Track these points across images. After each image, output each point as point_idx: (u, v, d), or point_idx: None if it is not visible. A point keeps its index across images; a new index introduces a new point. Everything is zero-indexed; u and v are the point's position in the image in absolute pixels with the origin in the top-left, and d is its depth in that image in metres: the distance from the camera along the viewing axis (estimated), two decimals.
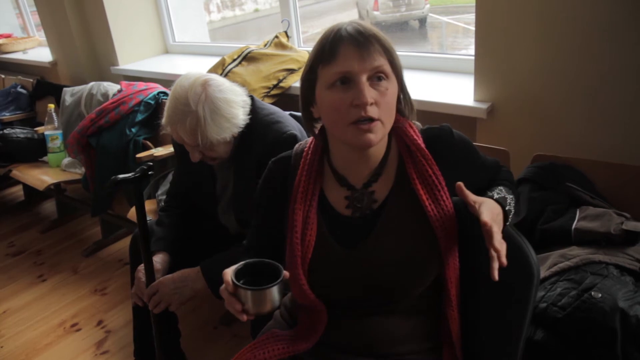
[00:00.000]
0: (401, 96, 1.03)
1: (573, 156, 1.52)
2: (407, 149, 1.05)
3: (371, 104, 0.94)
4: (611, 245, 1.27)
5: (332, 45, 0.95)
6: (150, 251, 1.54)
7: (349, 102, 0.94)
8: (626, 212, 1.34)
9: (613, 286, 1.14)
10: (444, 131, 1.07)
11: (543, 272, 1.24)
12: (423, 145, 1.04)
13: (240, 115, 1.48)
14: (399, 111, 1.04)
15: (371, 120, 0.94)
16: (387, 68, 0.96)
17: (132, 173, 1.41)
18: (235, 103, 1.48)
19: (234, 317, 2.34)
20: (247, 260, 0.96)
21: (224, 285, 0.93)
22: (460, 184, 0.95)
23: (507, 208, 1.00)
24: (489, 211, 0.93)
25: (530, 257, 1.01)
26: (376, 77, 0.95)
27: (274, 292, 0.88)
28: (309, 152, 1.10)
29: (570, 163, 1.50)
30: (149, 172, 1.42)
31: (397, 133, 1.06)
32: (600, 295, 1.12)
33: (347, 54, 0.94)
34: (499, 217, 0.97)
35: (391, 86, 0.97)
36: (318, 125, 1.09)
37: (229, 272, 0.93)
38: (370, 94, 0.94)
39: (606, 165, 1.47)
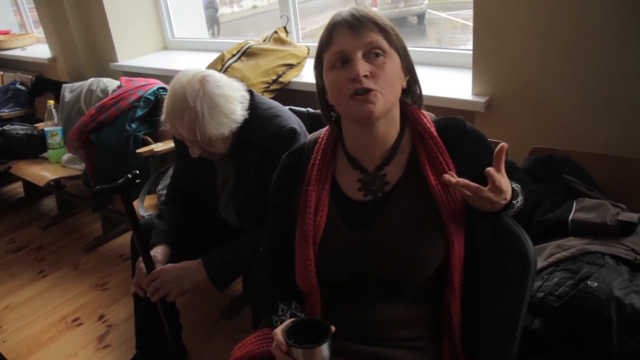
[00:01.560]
0: (409, 77, 1.08)
1: (570, 149, 1.53)
2: (419, 136, 1.09)
3: (365, 76, 0.97)
4: (607, 236, 1.28)
5: (329, 31, 1.03)
6: (148, 247, 1.55)
7: (346, 77, 0.99)
8: (622, 204, 1.35)
9: (609, 275, 1.15)
10: (457, 122, 1.10)
11: (540, 263, 1.26)
12: (436, 134, 1.07)
13: (238, 111, 1.49)
14: (410, 92, 1.09)
15: (368, 90, 0.98)
16: (383, 44, 1.00)
17: (117, 182, 1.43)
18: (234, 99, 1.49)
19: (235, 311, 2.36)
20: (295, 319, 1.00)
21: (275, 344, 0.97)
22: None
23: (513, 201, 1.01)
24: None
25: (528, 247, 1.02)
26: (373, 53, 1.00)
27: (324, 348, 0.92)
28: (324, 138, 1.14)
29: (567, 155, 1.52)
30: (136, 180, 1.44)
31: (411, 121, 1.10)
32: (596, 284, 1.13)
33: (341, 35, 1.00)
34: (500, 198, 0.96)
35: (390, 61, 1.01)
36: (334, 114, 1.13)
37: (280, 332, 0.97)
38: (364, 67, 0.98)
39: (603, 158, 1.49)
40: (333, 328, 0.95)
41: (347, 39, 1.00)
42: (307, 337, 0.95)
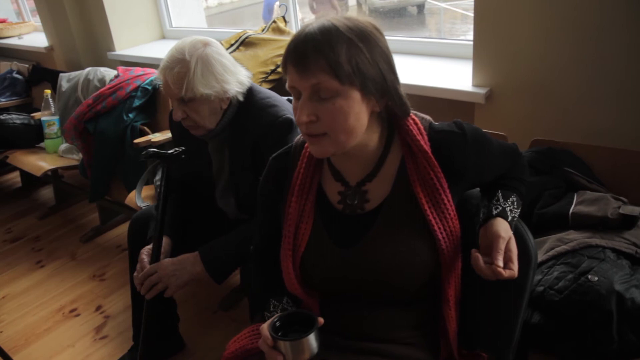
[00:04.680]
0: (386, 98, 0.95)
1: (571, 141, 1.52)
2: (409, 148, 1.01)
3: (311, 121, 0.91)
4: (608, 229, 1.27)
5: (284, 59, 0.93)
6: (162, 234, 1.55)
7: (297, 114, 0.94)
8: (623, 197, 1.35)
9: (609, 269, 1.14)
10: (456, 136, 1.00)
11: (540, 256, 1.25)
12: (426, 147, 0.99)
13: (231, 84, 1.48)
14: (392, 106, 0.97)
15: (314, 135, 0.93)
16: (332, 85, 0.88)
17: (167, 151, 1.49)
18: (231, 72, 1.49)
19: (233, 303, 2.35)
20: (281, 314, 1.00)
21: (262, 339, 0.95)
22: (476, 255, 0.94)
23: (509, 219, 0.99)
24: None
25: (528, 241, 1.02)
26: (318, 95, 0.90)
27: (311, 339, 0.92)
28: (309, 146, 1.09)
29: (568, 148, 1.51)
30: (182, 156, 1.49)
31: (400, 132, 1.02)
32: (596, 278, 1.13)
33: (290, 70, 0.91)
34: (507, 233, 0.97)
35: (342, 100, 0.89)
36: None
37: (266, 327, 0.96)
38: (307, 111, 0.90)
39: (604, 150, 1.48)
40: (321, 320, 0.94)
41: (294, 77, 0.90)
42: (295, 330, 0.94)
